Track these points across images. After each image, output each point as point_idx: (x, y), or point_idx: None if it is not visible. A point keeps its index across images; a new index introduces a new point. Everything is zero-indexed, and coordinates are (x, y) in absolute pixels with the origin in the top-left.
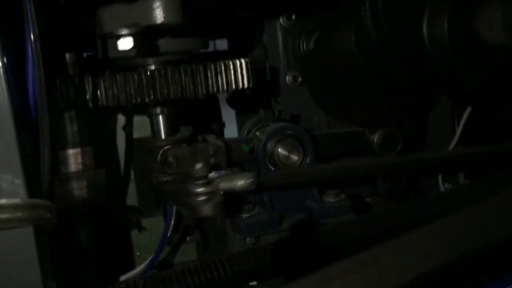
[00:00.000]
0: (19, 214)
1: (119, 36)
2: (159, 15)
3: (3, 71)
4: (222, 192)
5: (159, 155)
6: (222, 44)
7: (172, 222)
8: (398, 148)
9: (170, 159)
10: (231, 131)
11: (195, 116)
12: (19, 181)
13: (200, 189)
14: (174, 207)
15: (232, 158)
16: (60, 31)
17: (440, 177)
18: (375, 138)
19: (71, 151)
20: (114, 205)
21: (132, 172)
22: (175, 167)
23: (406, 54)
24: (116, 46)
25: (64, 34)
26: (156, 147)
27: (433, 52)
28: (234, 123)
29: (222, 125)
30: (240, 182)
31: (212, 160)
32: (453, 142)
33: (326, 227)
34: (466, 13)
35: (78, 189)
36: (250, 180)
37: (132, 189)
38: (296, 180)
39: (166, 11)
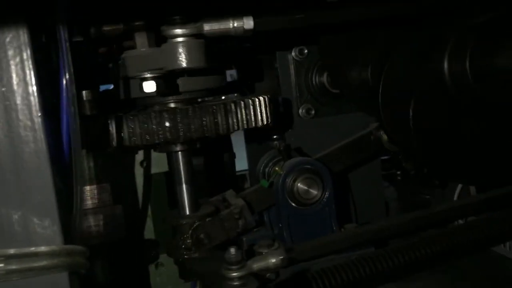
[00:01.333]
0: (55, 261)
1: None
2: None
3: (42, 120)
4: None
5: (190, 236)
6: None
7: None
8: None
9: (202, 236)
10: (241, 161)
11: (206, 147)
12: (55, 227)
13: (235, 274)
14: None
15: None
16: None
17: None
18: (382, 133)
19: (88, 188)
20: (131, 240)
21: (149, 207)
22: (208, 243)
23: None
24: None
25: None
26: (183, 225)
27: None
28: (244, 154)
29: (233, 156)
30: (273, 260)
31: (240, 223)
32: None
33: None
34: (489, 51)
35: (96, 225)
36: (282, 257)
37: (149, 224)
38: (328, 250)
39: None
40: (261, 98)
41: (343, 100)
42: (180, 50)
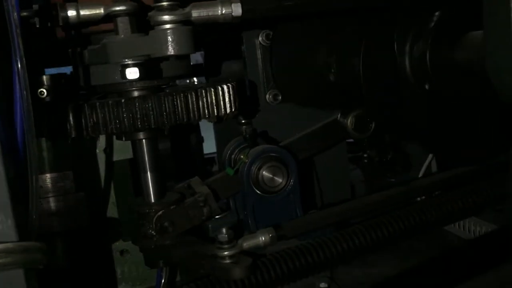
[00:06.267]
0: (10, 259)
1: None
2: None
3: None
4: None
5: (154, 223)
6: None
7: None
8: (371, 128)
9: (166, 224)
10: (209, 145)
11: (174, 131)
12: (10, 222)
13: (226, 253)
14: (166, 269)
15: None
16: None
17: None
18: (348, 122)
19: (49, 175)
20: (95, 228)
21: (113, 195)
22: (172, 231)
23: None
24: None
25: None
26: (148, 213)
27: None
28: (212, 137)
29: (201, 140)
30: (262, 239)
31: (205, 211)
32: (427, 161)
33: None
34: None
35: (57, 213)
36: (271, 235)
37: (113, 212)
38: (314, 226)
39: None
40: (224, 86)
41: None
42: (169, 37)
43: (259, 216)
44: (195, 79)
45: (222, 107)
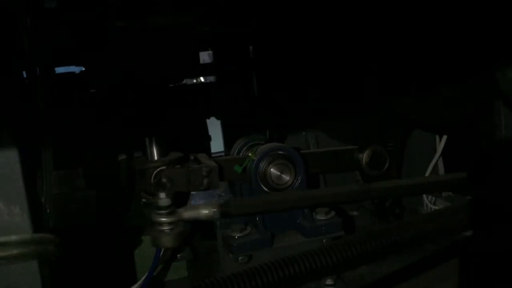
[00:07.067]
0: (25, 250)
1: None
2: None
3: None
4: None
5: (153, 177)
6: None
7: None
8: (385, 166)
9: (164, 180)
10: (217, 144)
11: (182, 129)
12: (25, 215)
13: (163, 219)
14: None
15: (223, 178)
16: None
17: None
18: (364, 156)
19: (59, 172)
20: (105, 225)
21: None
22: (169, 188)
23: None
24: None
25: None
26: (149, 168)
27: None
28: (220, 137)
29: (209, 139)
30: (204, 212)
31: (205, 181)
32: (433, 161)
33: None
34: None
35: (67, 210)
36: (214, 210)
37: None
38: (264, 209)
39: None
40: None
41: None
42: None
43: (267, 214)
44: (201, 78)
45: None
